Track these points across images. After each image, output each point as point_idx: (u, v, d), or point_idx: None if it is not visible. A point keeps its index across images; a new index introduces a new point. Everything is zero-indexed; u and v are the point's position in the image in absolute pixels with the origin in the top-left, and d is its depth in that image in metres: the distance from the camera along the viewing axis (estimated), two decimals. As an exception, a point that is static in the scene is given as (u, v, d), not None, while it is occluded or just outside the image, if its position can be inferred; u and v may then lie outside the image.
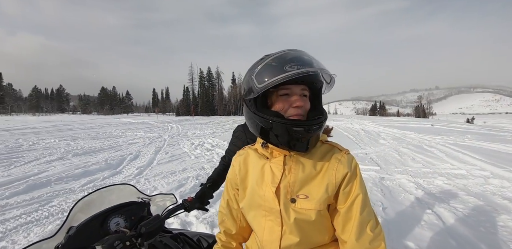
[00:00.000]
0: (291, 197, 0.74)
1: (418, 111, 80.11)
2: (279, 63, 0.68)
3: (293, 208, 0.73)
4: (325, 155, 0.77)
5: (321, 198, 0.72)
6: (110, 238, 0.80)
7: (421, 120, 25.11)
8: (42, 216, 2.98)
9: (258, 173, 0.79)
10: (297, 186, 0.74)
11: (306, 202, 0.73)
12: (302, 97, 0.73)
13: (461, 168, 4.89)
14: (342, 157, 0.76)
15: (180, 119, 30.05)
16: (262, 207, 0.77)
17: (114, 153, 6.75)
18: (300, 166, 0.75)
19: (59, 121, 22.61)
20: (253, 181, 0.80)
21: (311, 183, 0.74)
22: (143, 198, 1.14)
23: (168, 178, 4.44)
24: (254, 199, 0.79)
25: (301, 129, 0.68)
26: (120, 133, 12.38)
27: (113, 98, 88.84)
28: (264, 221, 0.78)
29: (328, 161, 0.76)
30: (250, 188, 0.81)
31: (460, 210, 2.96)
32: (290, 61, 0.67)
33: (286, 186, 0.74)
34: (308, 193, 0.73)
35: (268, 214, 0.77)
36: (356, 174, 0.75)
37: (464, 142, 8.45)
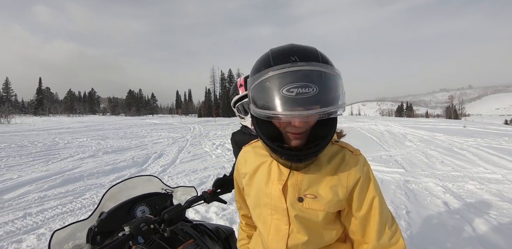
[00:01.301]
0: (299, 196, 0.71)
1: (449, 112, 75.30)
2: (276, 83, 0.57)
3: (300, 208, 0.71)
4: (335, 156, 0.73)
5: (331, 201, 0.70)
6: (136, 221, 0.88)
7: (452, 122, 23.60)
8: (76, 207, 3.23)
9: (265, 170, 0.77)
10: (305, 185, 0.71)
11: (314, 202, 0.70)
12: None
13: (496, 172, 4.55)
14: (353, 160, 0.72)
15: (202, 120, 30.82)
16: (269, 206, 0.75)
17: (140, 152, 7.09)
18: (310, 166, 0.72)
19: (91, 122, 24.16)
20: (259, 179, 0.77)
21: (320, 184, 0.71)
22: (167, 189, 1.23)
23: (190, 176, 4.59)
24: (260, 197, 0.77)
25: (292, 158, 0.64)
26: (146, 133, 12.96)
27: (139, 100, 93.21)
28: (270, 220, 0.75)
29: (338, 163, 0.72)
30: (256, 185, 0.78)
31: (493, 217, 2.77)
32: (287, 82, 0.56)
33: (294, 184, 0.71)
34: (316, 193, 0.70)
35: (275, 213, 0.74)
36: (370, 177, 0.72)
37: (501, 144, 7.83)
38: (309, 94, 0.56)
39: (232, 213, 2.83)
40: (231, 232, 1.23)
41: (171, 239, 0.99)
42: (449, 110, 77.21)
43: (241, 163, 0.86)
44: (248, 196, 0.82)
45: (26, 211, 3.05)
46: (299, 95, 0.56)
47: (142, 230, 0.85)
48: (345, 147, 0.75)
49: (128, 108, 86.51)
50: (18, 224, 2.76)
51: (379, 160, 5.78)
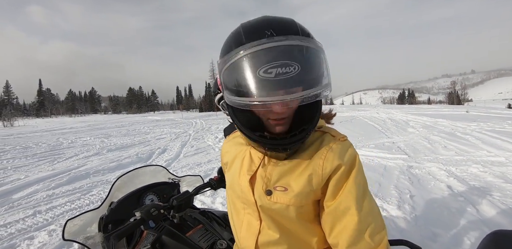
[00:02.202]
0: (267, 189, 0.63)
1: (452, 98, 74.68)
2: (251, 62, 0.50)
3: (268, 202, 0.63)
4: (314, 142, 0.64)
5: (302, 192, 0.60)
6: (147, 206, 0.91)
7: (455, 107, 23.45)
8: (84, 203, 3.29)
9: (239, 160, 0.71)
10: (275, 176, 0.63)
11: (283, 195, 0.61)
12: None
13: (500, 155, 4.55)
14: (334, 144, 0.61)
15: (203, 114, 30.81)
16: (241, 199, 0.69)
17: (143, 148, 7.15)
18: (282, 155, 0.64)
19: (93, 121, 24.27)
20: (234, 169, 0.72)
21: (293, 174, 0.62)
22: (173, 179, 1.26)
23: (194, 169, 4.64)
24: (234, 189, 0.71)
25: (277, 148, 0.57)
26: (148, 129, 13.02)
27: (140, 97, 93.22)
28: (243, 214, 0.70)
29: (316, 148, 0.62)
30: (231, 177, 0.73)
31: (496, 198, 2.79)
32: (264, 61, 0.49)
33: (263, 176, 0.64)
34: (287, 184, 0.62)
35: (247, 207, 0.68)
36: (353, 164, 0.60)
37: (504, 128, 7.79)
38: (290, 74, 0.48)
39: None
40: None
41: (181, 225, 1.02)
42: (452, 96, 76.57)
43: (222, 154, 0.83)
44: (227, 188, 0.76)
45: (36, 209, 3.11)
46: (279, 76, 0.48)
47: (152, 215, 0.88)
48: (327, 132, 0.65)
49: (129, 106, 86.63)
50: (29, 221, 2.82)
51: (381, 147, 5.79)
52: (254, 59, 0.49)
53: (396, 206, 2.63)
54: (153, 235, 0.93)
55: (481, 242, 0.87)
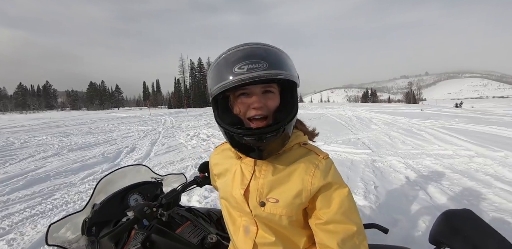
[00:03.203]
0: (261, 201, 0.70)
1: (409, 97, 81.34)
2: (228, 63, 0.61)
3: (262, 212, 0.70)
4: (300, 158, 0.70)
5: (293, 204, 0.68)
6: (139, 205, 0.90)
7: (411, 106, 25.62)
8: (47, 208, 3.05)
9: (231, 174, 0.77)
10: (267, 189, 0.70)
11: (275, 206, 0.68)
12: (263, 96, 0.65)
13: (448, 149, 5.12)
14: (319, 163, 0.69)
15: (172, 111, 29.80)
16: (236, 208, 0.76)
17: (109, 147, 6.76)
18: (271, 168, 0.71)
19: (48, 118, 22.13)
20: (227, 182, 0.78)
21: (282, 187, 0.69)
22: (156, 178, 1.25)
23: (167, 168, 4.53)
24: (228, 200, 0.77)
25: (252, 138, 0.62)
26: (113, 127, 12.28)
27: (103, 92, 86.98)
28: (239, 221, 0.76)
29: (303, 165, 0.69)
30: (224, 188, 0.79)
31: (445, 186, 3.17)
32: (238, 61, 0.60)
33: (255, 189, 0.71)
34: (278, 197, 0.69)
35: (243, 215, 0.75)
36: (334, 184, 0.68)
37: (452, 125, 8.75)
38: (260, 69, 0.59)
39: (215, 200, 2.89)
40: (221, 214, 1.29)
41: (169, 223, 1.03)
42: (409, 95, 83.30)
43: (212, 165, 0.90)
44: (221, 197, 0.82)
45: (-11, 217, 2.81)
46: (250, 70, 0.59)
47: (146, 213, 0.88)
48: (312, 150, 0.73)
49: (90, 102, 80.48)
50: (-18, 230, 2.55)
51: (348, 143, 6.17)
52: (230, 60, 0.62)
53: (363, 197, 2.87)
54: (142, 234, 0.93)
55: (435, 221, 1.02)
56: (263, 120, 0.65)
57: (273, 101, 0.65)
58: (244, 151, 0.68)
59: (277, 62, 0.62)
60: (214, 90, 0.64)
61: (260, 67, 0.59)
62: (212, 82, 0.65)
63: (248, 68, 0.59)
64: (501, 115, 12.80)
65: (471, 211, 0.92)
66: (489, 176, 3.46)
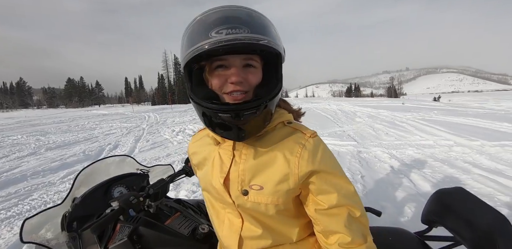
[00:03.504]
0: (243, 189, 0.62)
1: (390, 92, 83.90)
2: (204, 27, 0.52)
3: (245, 202, 0.62)
4: (285, 138, 0.62)
5: (280, 190, 0.60)
6: (125, 195, 0.84)
7: (393, 100, 26.43)
8: (24, 209, 2.88)
9: (210, 161, 0.69)
10: (249, 175, 0.62)
11: (259, 194, 0.61)
12: (243, 70, 0.56)
13: (429, 139, 5.32)
14: (306, 142, 0.61)
15: (157, 108, 29.06)
16: (219, 200, 0.68)
17: (91, 145, 6.50)
18: (252, 152, 0.62)
19: (24, 117, 20.96)
20: (206, 171, 0.70)
21: (266, 172, 0.61)
22: (142, 169, 1.18)
23: (152, 163, 4.37)
24: (209, 191, 0.70)
25: (227, 115, 0.54)
26: (94, 125, 11.82)
27: (82, 89, 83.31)
28: (223, 214, 0.70)
29: (288, 146, 0.61)
30: (204, 178, 0.71)
31: (428, 174, 3.28)
32: (216, 24, 0.51)
33: (236, 176, 0.63)
34: (262, 183, 0.61)
35: (226, 207, 0.68)
36: (325, 166, 0.61)
37: (431, 117, 9.10)
38: (241, 33, 0.50)
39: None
40: None
41: (157, 214, 0.97)
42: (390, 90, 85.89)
43: (190, 155, 0.81)
44: (202, 189, 0.75)
45: (-41, 219, 2.62)
46: (229, 34, 0.50)
47: (132, 203, 0.82)
48: (298, 129, 0.64)
49: (69, 99, 76.98)
50: (-49, 233, 2.37)
51: (334, 135, 6.27)
52: (206, 23, 0.53)
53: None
54: (129, 227, 0.86)
55: (427, 200, 1.03)
56: (242, 95, 0.56)
57: (254, 76, 0.57)
58: (219, 131, 0.59)
59: (261, 28, 0.53)
60: (186, 56, 0.54)
61: (241, 32, 0.50)
62: (183, 48, 0.56)
63: (227, 32, 0.50)
64: (476, 108, 13.46)
65: (462, 189, 0.93)
66: (467, 164, 3.62)
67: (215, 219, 0.73)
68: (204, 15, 0.55)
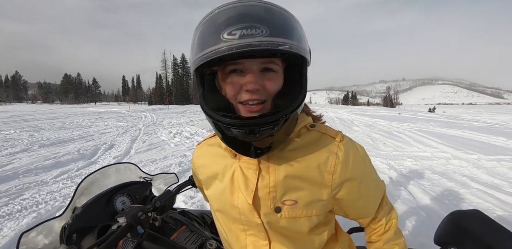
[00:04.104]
0: (276, 206, 0.56)
1: (387, 101, 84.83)
2: (215, 27, 0.45)
3: (279, 219, 0.57)
4: (314, 145, 0.57)
5: (312, 202, 0.57)
6: (132, 210, 0.79)
7: (389, 109, 26.71)
8: (14, 209, 2.79)
9: (227, 177, 0.60)
10: (281, 191, 0.56)
11: (295, 209, 0.56)
12: (261, 75, 0.49)
13: (426, 151, 5.35)
14: (338, 150, 0.56)
15: (153, 108, 28.88)
16: (239, 221, 0.60)
17: (86, 143, 6.39)
18: (281, 163, 0.56)
19: (17, 111, 20.62)
20: (223, 189, 0.61)
21: (299, 184, 0.56)
22: (145, 177, 1.14)
23: (149, 166, 4.33)
24: (225, 212, 0.62)
25: (241, 131, 0.47)
26: (90, 122, 11.66)
27: (78, 86, 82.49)
28: (244, 237, 0.61)
29: (320, 155, 0.56)
30: (217, 197, 0.63)
31: (427, 186, 3.28)
32: (228, 24, 0.44)
33: (266, 193, 0.56)
34: (296, 197, 0.56)
35: (248, 228, 0.60)
36: (364, 173, 0.60)
37: (428, 128, 9.18)
38: (257, 35, 0.43)
39: (202, 200, 2.78)
40: None
41: (163, 228, 0.92)
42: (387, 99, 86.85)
43: (196, 168, 0.72)
44: (215, 210, 0.66)
45: None
46: (244, 36, 0.43)
47: (141, 219, 0.77)
48: (325, 133, 0.59)
49: (65, 95, 76.05)
50: None
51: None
52: (218, 22, 0.45)
53: (349, 197, 2.89)
54: (133, 242, 0.82)
55: (441, 222, 1.00)
56: (258, 105, 0.49)
57: (273, 82, 0.49)
58: (233, 147, 0.52)
59: (282, 28, 0.45)
60: (195, 62, 0.48)
61: (257, 33, 0.43)
62: (193, 51, 0.49)
63: (241, 34, 0.43)
64: (471, 121, 13.66)
65: (480, 212, 0.91)
66: (465, 177, 3.64)
67: (233, 244, 0.64)
68: (215, 12, 0.47)
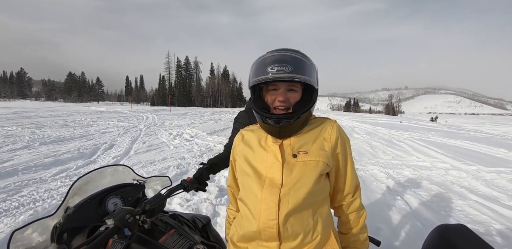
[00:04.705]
0: (293, 153, 0.83)
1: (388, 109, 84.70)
2: (265, 64, 0.80)
3: (295, 162, 0.82)
4: (318, 125, 0.90)
5: (320, 153, 0.83)
6: (120, 212, 0.80)
7: (391, 117, 26.63)
8: (12, 206, 2.81)
9: (262, 141, 0.89)
10: (297, 145, 0.85)
11: (306, 156, 0.83)
12: (287, 93, 0.82)
13: (426, 161, 5.33)
14: (334, 124, 0.91)
15: (155, 109, 28.98)
16: (263, 177, 0.82)
17: (86, 142, 6.42)
18: (298, 134, 0.88)
19: (21, 108, 20.78)
20: (256, 149, 0.88)
21: (309, 142, 0.85)
22: (139, 180, 1.15)
23: (147, 167, 4.34)
24: (255, 169, 0.85)
25: (272, 121, 0.81)
26: (91, 121, 11.73)
27: (82, 84, 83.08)
28: (260, 192, 0.80)
29: (322, 127, 0.89)
30: (252, 155, 0.88)
31: (424, 197, 3.26)
32: (271, 63, 0.78)
33: (288, 145, 0.85)
34: (307, 149, 0.84)
35: (267, 185, 0.80)
36: (345, 138, 0.91)
37: (429, 138, 9.15)
38: (285, 71, 0.77)
39: (198, 203, 2.79)
40: (207, 220, 1.21)
41: (152, 230, 0.93)
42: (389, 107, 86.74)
43: (238, 139, 0.97)
44: (241, 169, 0.89)
45: None
46: (278, 71, 0.77)
47: (128, 222, 0.78)
48: (325, 118, 0.95)
49: (68, 93, 76.53)
50: None
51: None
52: (266, 61, 0.81)
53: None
54: (121, 244, 0.82)
55: (428, 235, 1.01)
56: (284, 110, 0.83)
57: (294, 97, 0.83)
58: (268, 130, 0.86)
59: (300, 68, 0.79)
60: (251, 82, 0.83)
61: (285, 69, 0.77)
62: (251, 75, 0.84)
63: (277, 69, 0.77)
64: (472, 131, 13.60)
65: (465, 226, 0.91)
66: (463, 189, 3.62)
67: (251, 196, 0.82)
68: (266, 55, 0.83)
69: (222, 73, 69.28)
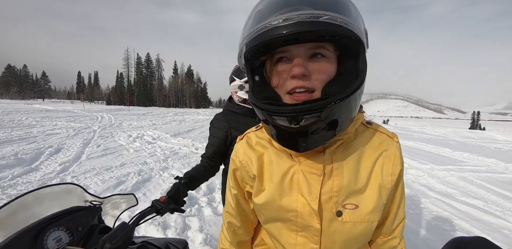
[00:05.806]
0: (337, 210, 0.53)
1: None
2: (263, 13, 0.44)
3: (339, 224, 0.53)
4: (373, 144, 0.56)
5: (376, 207, 0.53)
6: None
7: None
8: None
9: (285, 179, 0.56)
10: (343, 194, 0.53)
11: (355, 213, 0.53)
12: (309, 61, 0.45)
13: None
14: (396, 150, 0.56)
15: (112, 108, 26.72)
16: (293, 223, 0.56)
17: (26, 146, 5.53)
18: (344, 166, 0.53)
19: None
20: (274, 189, 0.57)
21: (361, 188, 0.53)
22: (92, 201, 0.87)
23: (103, 174, 3.83)
24: (279, 213, 0.57)
25: (283, 118, 0.43)
26: (34, 122, 10.28)
27: (24, 79, 73.40)
28: (294, 237, 0.57)
29: (379, 156, 0.55)
30: (270, 196, 0.57)
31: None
32: (275, 9, 0.42)
33: (329, 197, 0.52)
34: (358, 201, 0.53)
35: (301, 230, 0.56)
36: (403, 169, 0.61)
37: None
38: (304, 14, 0.40)
39: (165, 217, 2.49)
40: (184, 245, 1.00)
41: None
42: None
43: (244, 164, 0.62)
44: (259, 205, 0.60)
45: None
46: (292, 17, 0.40)
47: None
48: (383, 132, 0.58)
49: (6, 89, 67.00)
50: None
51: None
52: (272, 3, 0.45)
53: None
54: None
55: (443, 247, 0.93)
56: (305, 94, 0.44)
57: (324, 68, 0.44)
58: (277, 140, 0.50)
59: (330, 4, 0.42)
60: (243, 45, 0.47)
61: (303, 14, 0.40)
62: (244, 33, 0.47)
63: (286, 17, 0.40)
64: (419, 133, 15.05)
65: (485, 239, 0.85)
66: (423, 187, 3.86)
67: (282, 240, 0.59)
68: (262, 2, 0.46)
69: (186, 73, 66.98)
